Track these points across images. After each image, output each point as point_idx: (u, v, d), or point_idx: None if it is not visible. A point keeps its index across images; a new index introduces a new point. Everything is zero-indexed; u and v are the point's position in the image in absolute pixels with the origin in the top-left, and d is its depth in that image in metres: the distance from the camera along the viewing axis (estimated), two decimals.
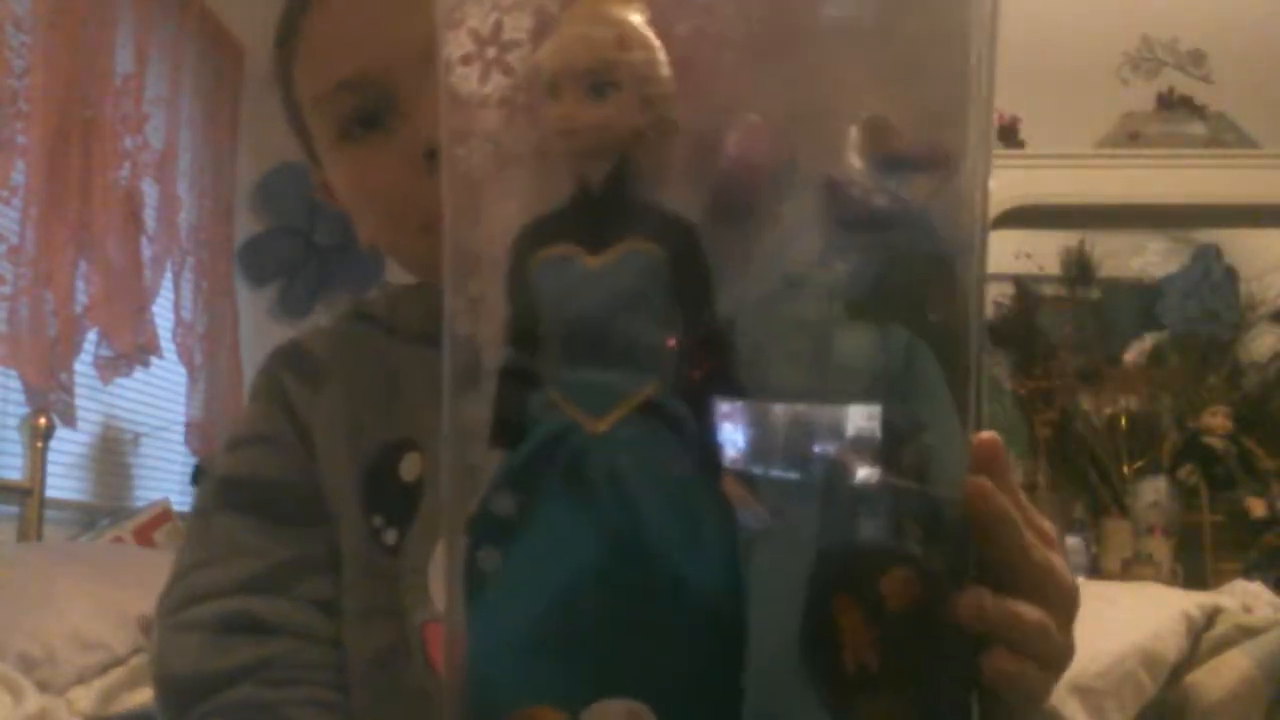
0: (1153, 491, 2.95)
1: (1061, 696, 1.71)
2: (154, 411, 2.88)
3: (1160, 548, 2.86)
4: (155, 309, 2.67)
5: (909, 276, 0.43)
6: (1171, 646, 1.82)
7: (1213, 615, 1.90)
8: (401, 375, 0.69)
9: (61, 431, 2.39)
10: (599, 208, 0.40)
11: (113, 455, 2.78)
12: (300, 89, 0.71)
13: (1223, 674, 1.78)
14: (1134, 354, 3.28)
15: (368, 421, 0.67)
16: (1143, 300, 3.43)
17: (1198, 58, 3.45)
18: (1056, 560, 0.42)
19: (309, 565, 0.65)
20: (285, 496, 0.67)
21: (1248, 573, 2.60)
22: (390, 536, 0.64)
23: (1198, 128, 3.27)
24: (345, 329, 0.74)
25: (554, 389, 0.39)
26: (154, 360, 2.66)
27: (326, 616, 0.65)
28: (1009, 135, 3.34)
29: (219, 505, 0.68)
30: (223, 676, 0.62)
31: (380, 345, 0.71)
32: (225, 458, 0.70)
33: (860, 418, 0.41)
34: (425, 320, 0.70)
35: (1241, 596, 2.09)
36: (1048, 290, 3.42)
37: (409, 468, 0.65)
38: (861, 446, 0.41)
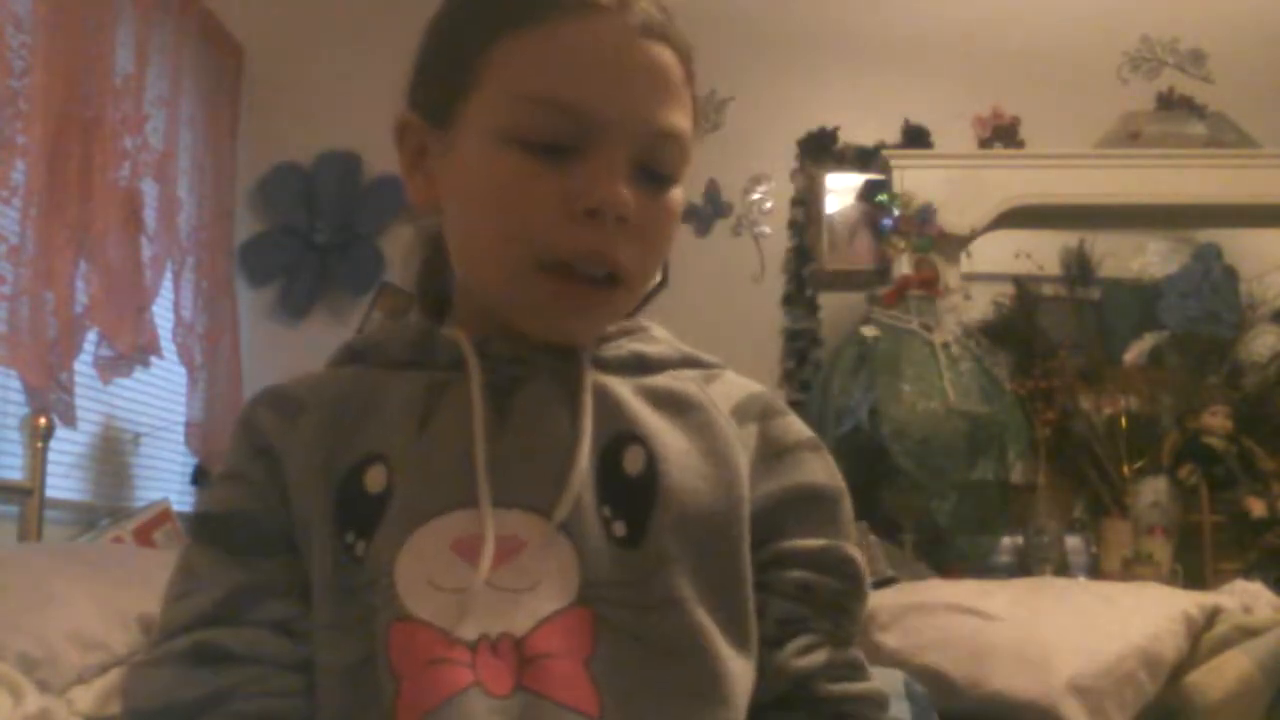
0: (1153, 491, 2.94)
1: (1062, 696, 1.71)
2: (154, 411, 2.88)
3: (1160, 548, 2.85)
4: (155, 309, 2.67)
5: None
6: (1171, 646, 1.82)
7: (1213, 615, 1.90)
8: (377, 397, 0.71)
9: (61, 431, 2.39)
10: None
11: (113, 455, 2.79)
12: (500, 69, 0.69)
13: (1223, 674, 1.78)
14: (1134, 354, 3.28)
15: (339, 446, 0.69)
16: (1143, 300, 3.42)
17: (1198, 58, 3.45)
18: None
19: (266, 590, 0.67)
20: (249, 528, 0.69)
21: (1248, 573, 2.60)
22: (360, 548, 0.66)
23: (1198, 128, 3.27)
24: (330, 370, 0.76)
25: None
26: (154, 360, 2.66)
27: (285, 639, 0.66)
28: (1009, 135, 3.34)
29: (194, 540, 0.71)
30: (187, 708, 0.64)
31: (363, 376, 0.73)
32: (203, 494, 0.74)
33: None
34: (409, 348, 0.74)
35: (1241, 596, 2.09)
36: (1047, 290, 3.42)
37: (374, 479, 0.67)
38: None
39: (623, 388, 0.71)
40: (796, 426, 0.76)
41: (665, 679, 0.63)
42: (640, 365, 0.74)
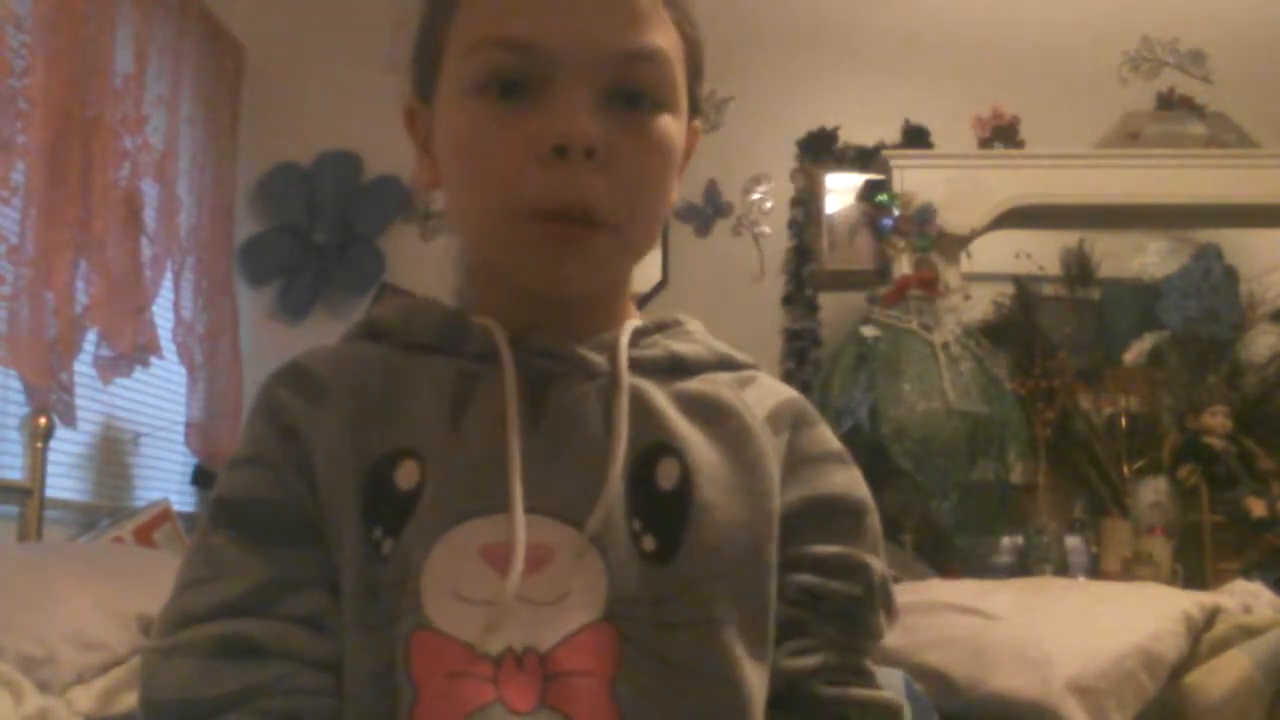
0: (1153, 491, 2.94)
1: (1062, 696, 1.71)
2: (154, 411, 2.88)
3: (1160, 548, 2.85)
4: (155, 309, 2.67)
5: None
6: (1171, 646, 1.82)
7: (1213, 615, 1.90)
8: (405, 384, 0.68)
9: (61, 431, 2.39)
10: None
11: (113, 455, 2.79)
12: (459, 26, 0.69)
13: (1223, 674, 1.78)
14: (1134, 354, 3.28)
15: (368, 435, 0.67)
16: (1143, 300, 3.42)
17: (1198, 58, 3.45)
18: None
19: (294, 584, 0.65)
20: (274, 517, 0.66)
21: (1248, 573, 2.60)
22: (387, 546, 0.64)
23: (1198, 128, 3.27)
24: (350, 347, 0.73)
25: None
26: (154, 360, 2.66)
27: (315, 635, 0.64)
28: (1009, 135, 3.34)
29: (213, 525, 0.67)
30: (211, 704, 0.61)
31: (388, 358, 0.70)
32: (221, 478, 0.70)
33: None
34: (437, 332, 0.71)
35: (1241, 596, 2.09)
36: (1048, 290, 3.42)
37: (405, 476, 0.65)
38: None
39: (658, 393, 0.69)
40: (826, 438, 0.74)
41: (689, 703, 0.62)
42: (675, 367, 0.72)
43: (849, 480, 0.73)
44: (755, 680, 0.64)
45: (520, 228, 0.66)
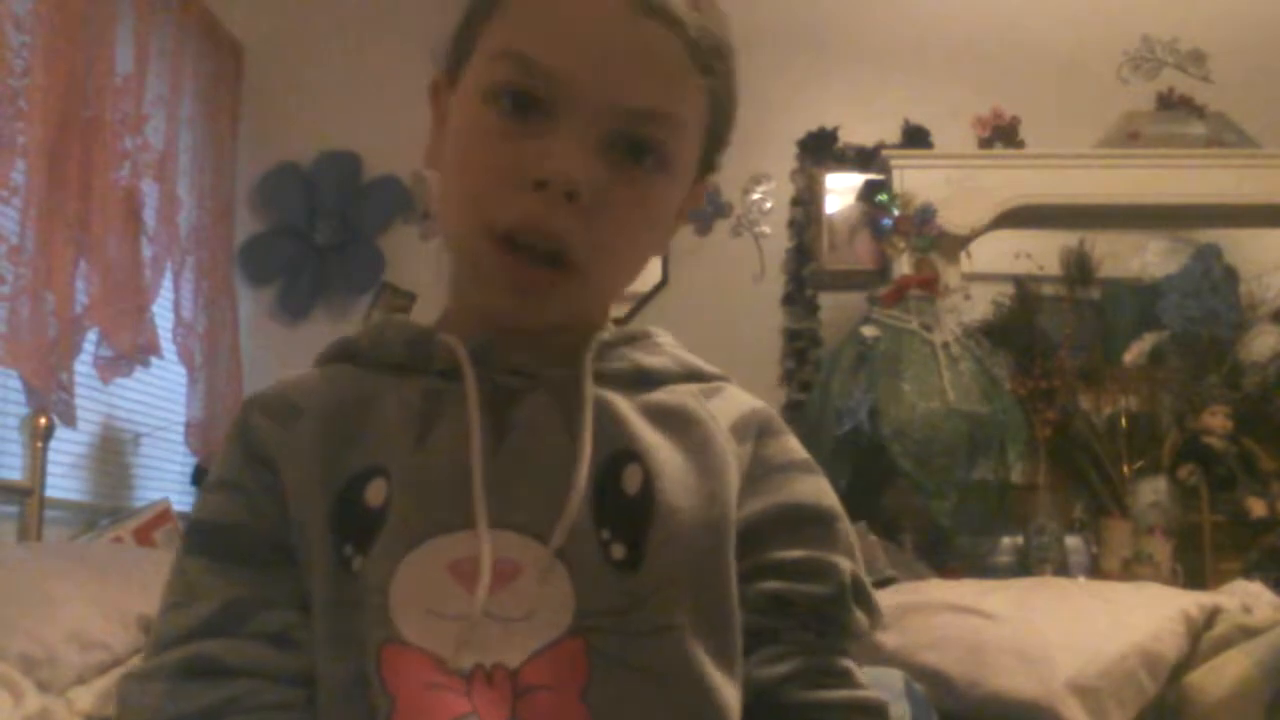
0: (1153, 491, 2.94)
1: (1062, 696, 1.71)
2: (154, 411, 2.88)
3: (1160, 548, 2.85)
4: (155, 309, 2.67)
5: None
6: (1171, 646, 1.82)
7: (1213, 615, 1.90)
8: (375, 403, 0.69)
9: (61, 431, 2.39)
10: None
11: (113, 455, 2.79)
12: (494, 27, 0.69)
13: (1223, 674, 1.78)
14: (1134, 354, 3.28)
15: (339, 455, 0.68)
16: (1143, 300, 3.42)
17: (1198, 58, 3.45)
18: None
19: (262, 602, 0.66)
20: (244, 540, 0.67)
21: (1248, 573, 2.60)
22: (358, 563, 0.65)
23: (1198, 128, 3.27)
24: (324, 370, 0.74)
25: None
26: (154, 360, 2.66)
27: (282, 652, 0.65)
28: (1009, 135, 3.34)
29: (186, 550, 0.69)
30: None
31: (359, 379, 0.71)
32: (196, 501, 0.71)
33: None
34: (405, 350, 0.72)
35: (1241, 596, 2.09)
36: (1048, 290, 3.41)
37: (374, 493, 0.66)
38: None
39: (622, 403, 0.69)
40: (791, 446, 0.74)
41: (660, 711, 0.62)
42: (640, 379, 0.72)
43: (816, 488, 0.72)
44: (724, 687, 0.64)
45: (490, 249, 0.66)
